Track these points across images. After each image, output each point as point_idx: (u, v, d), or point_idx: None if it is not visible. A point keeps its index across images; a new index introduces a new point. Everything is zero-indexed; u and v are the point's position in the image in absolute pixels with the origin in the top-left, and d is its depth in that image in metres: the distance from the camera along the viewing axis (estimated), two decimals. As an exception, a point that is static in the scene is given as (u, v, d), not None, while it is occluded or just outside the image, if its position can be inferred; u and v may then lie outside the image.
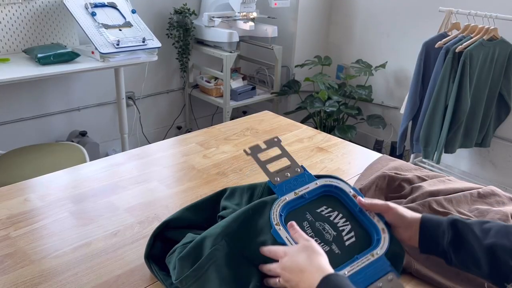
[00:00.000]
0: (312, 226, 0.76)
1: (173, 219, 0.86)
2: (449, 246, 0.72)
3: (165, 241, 0.85)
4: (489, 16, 2.27)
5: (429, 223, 0.76)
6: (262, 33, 2.99)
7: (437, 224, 0.75)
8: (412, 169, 1.22)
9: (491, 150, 2.66)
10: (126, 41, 2.28)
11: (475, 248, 0.70)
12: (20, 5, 2.34)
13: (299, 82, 3.18)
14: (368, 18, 3.10)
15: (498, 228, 0.71)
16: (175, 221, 0.86)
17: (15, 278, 0.81)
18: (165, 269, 0.81)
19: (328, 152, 1.36)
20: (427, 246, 0.75)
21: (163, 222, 0.86)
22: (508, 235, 0.69)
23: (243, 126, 1.53)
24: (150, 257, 0.84)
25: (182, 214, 0.88)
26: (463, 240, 0.72)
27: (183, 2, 2.99)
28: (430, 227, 0.75)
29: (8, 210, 1.01)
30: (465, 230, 0.72)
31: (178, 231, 0.85)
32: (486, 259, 0.69)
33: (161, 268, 0.82)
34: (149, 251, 0.84)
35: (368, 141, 3.28)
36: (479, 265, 0.70)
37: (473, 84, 2.27)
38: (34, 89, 2.59)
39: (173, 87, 3.24)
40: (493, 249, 0.69)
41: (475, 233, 0.71)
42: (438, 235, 0.74)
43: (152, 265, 0.83)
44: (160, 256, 0.84)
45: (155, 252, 0.84)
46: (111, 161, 1.27)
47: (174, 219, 0.86)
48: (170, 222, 0.86)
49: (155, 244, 0.85)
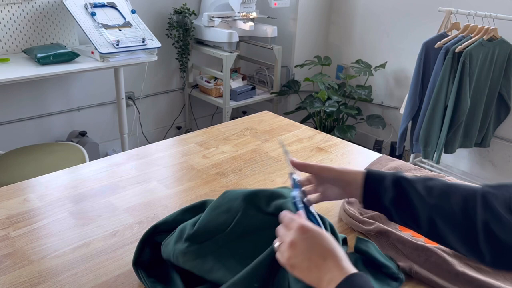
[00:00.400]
0: None
1: (161, 223, 0.85)
2: (391, 203, 0.72)
3: (154, 246, 0.84)
4: (488, 16, 2.27)
5: (373, 179, 0.75)
6: (262, 33, 2.99)
7: (381, 179, 0.74)
8: (412, 169, 1.22)
9: (490, 150, 2.66)
10: (125, 41, 2.28)
11: (417, 207, 0.70)
12: (20, 5, 2.34)
13: (299, 82, 3.18)
14: (368, 18, 3.10)
15: (441, 187, 0.70)
16: (163, 225, 0.85)
17: (14, 278, 0.81)
18: (153, 276, 0.80)
19: (327, 152, 1.36)
20: (370, 202, 0.75)
21: (152, 227, 0.84)
22: (450, 195, 0.68)
23: (242, 126, 1.53)
24: (138, 264, 0.82)
25: (171, 217, 0.87)
26: (405, 198, 0.71)
27: (183, 2, 2.99)
28: (374, 183, 0.75)
29: (7, 210, 1.01)
30: (408, 188, 0.71)
31: (167, 235, 0.84)
32: (426, 220, 0.69)
33: (149, 274, 0.81)
34: (137, 258, 0.82)
35: (368, 141, 3.28)
36: (419, 224, 0.70)
37: (473, 84, 2.27)
38: (34, 89, 2.59)
39: (173, 87, 3.24)
40: (433, 211, 0.68)
41: (417, 191, 0.70)
42: (380, 192, 0.73)
43: (140, 271, 0.81)
44: (149, 262, 0.83)
45: (143, 258, 0.83)
46: (110, 161, 1.26)
47: (163, 223, 0.85)
48: (159, 227, 0.85)
49: (143, 249, 0.83)
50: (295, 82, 3.19)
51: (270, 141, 1.42)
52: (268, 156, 1.32)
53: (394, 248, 0.90)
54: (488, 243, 0.63)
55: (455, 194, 0.68)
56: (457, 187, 0.69)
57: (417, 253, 0.87)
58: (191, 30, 2.97)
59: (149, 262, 0.83)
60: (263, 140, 1.42)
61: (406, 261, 0.86)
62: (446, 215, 0.67)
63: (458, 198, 0.67)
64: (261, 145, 1.38)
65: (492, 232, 0.62)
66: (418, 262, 0.86)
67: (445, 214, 0.67)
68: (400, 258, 0.87)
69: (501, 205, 0.63)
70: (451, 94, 2.26)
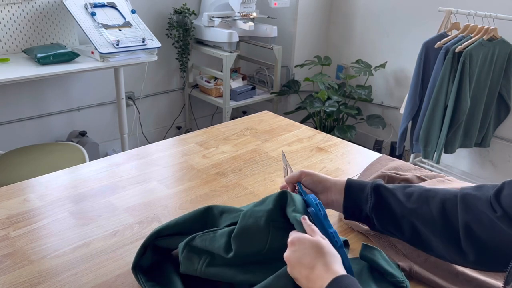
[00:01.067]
0: None
1: (164, 228, 0.84)
2: (372, 211, 0.72)
3: (154, 250, 0.83)
4: (488, 16, 2.27)
5: (353, 188, 0.75)
6: (262, 33, 2.99)
7: (361, 189, 0.74)
8: (412, 169, 1.22)
9: (490, 150, 2.66)
10: (125, 41, 2.28)
11: (397, 213, 0.70)
12: (20, 5, 2.34)
13: (299, 82, 3.18)
14: (368, 18, 3.10)
15: (419, 192, 0.70)
16: (166, 230, 0.84)
17: (14, 278, 0.81)
18: (153, 280, 0.80)
19: (327, 152, 1.36)
20: (351, 211, 0.75)
21: (154, 232, 0.83)
22: (428, 200, 0.68)
23: (242, 126, 1.53)
24: (137, 268, 0.82)
25: (173, 221, 0.86)
26: (385, 206, 0.71)
27: (183, 2, 2.99)
28: (354, 192, 0.75)
29: (7, 210, 1.01)
30: (387, 195, 0.71)
31: (169, 239, 0.83)
32: (407, 225, 0.69)
33: (148, 278, 0.80)
34: (137, 261, 0.82)
35: (367, 141, 3.29)
36: (401, 230, 0.70)
37: (473, 84, 2.27)
38: (34, 89, 2.60)
39: (173, 87, 3.24)
40: (413, 216, 0.68)
41: (397, 198, 0.70)
42: (361, 200, 0.73)
43: (139, 275, 0.81)
44: (149, 265, 0.83)
45: (143, 263, 0.83)
46: (110, 161, 1.26)
47: (165, 228, 0.84)
48: (161, 231, 0.84)
49: (144, 254, 0.83)
50: (295, 82, 3.19)
51: (270, 141, 1.42)
52: (268, 156, 1.32)
53: (394, 248, 0.90)
54: (471, 244, 0.63)
55: (433, 198, 0.68)
56: (436, 191, 0.70)
57: (417, 253, 0.87)
58: (191, 30, 2.98)
59: (148, 266, 0.83)
60: (263, 140, 1.42)
61: (406, 261, 0.86)
62: (426, 220, 0.67)
63: (437, 202, 0.67)
64: (261, 145, 1.38)
65: (473, 232, 0.62)
66: (418, 262, 0.86)
67: (425, 218, 0.67)
68: (400, 258, 0.87)
69: (483, 205, 0.63)
70: (451, 94, 2.26)
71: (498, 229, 0.60)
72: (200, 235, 0.79)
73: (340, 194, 0.77)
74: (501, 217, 0.60)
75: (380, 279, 0.82)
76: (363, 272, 0.83)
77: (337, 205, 0.78)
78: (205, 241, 0.77)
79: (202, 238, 0.78)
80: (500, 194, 0.62)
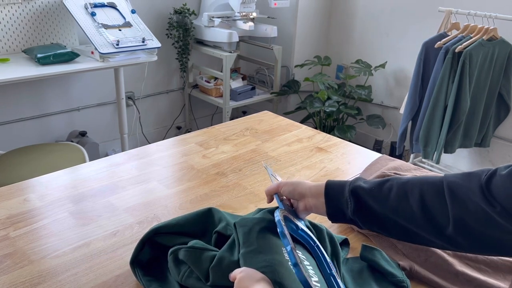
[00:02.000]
0: None
1: (163, 226, 0.85)
2: (354, 214, 0.71)
3: (153, 246, 0.84)
4: (488, 16, 2.27)
5: (333, 192, 0.74)
6: (262, 33, 2.99)
7: (340, 192, 0.73)
8: (412, 169, 1.22)
9: (490, 150, 2.66)
10: (125, 41, 2.28)
11: (379, 214, 0.69)
12: (20, 5, 2.34)
13: (299, 82, 3.18)
14: (368, 18, 3.10)
15: (397, 187, 0.69)
16: (165, 228, 0.85)
17: (14, 278, 0.81)
18: (150, 275, 0.80)
19: (327, 152, 1.36)
20: (335, 216, 0.74)
21: (153, 229, 0.84)
22: (407, 195, 0.67)
23: (242, 126, 1.53)
24: (136, 262, 0.82)
25: (174, 221, 0.86)
26: (366, 208, 0.70)
27: (183, 2, 3.00)
28: (334, 197, 0.74)
29: (7, 210, 1.01)
30: (365, 198, 0.70)
31: (168, 236, 0.84)
32: (390, 224, 0.68)
33: (145, 273, 0.81)
34: (135, 256, 0.83)
35: (367, 141, 3.29)
36: (386, 229, 0.69)
37: (473, 84, 2.27)
38: (34, 89, 2.60)
39: (173, 87, 3.24)
40: (395, 215, 0.67)
41: (376, 198, 0.69)
42: (342, 204, 0.72)
43: (137, 270, 0.81)
44: (147, 261, 0.83)
45: (141, 257, 0.83)
46: (110, 161, 1.27)
47: (164, 226, 0.85)
48: (160, 229, 0.84)
49: (143, 249, 0.83)
50: (295, 82, 3.19)
51: (270, 141, 1.42)
52: (268, 156, 1.32)
53: (394, 248, 0.90)
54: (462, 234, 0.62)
55: (411, 192, 0.67)
56: (413, 183, 0.68)
57: (417, 253, 0.87)
58: (191, 30, 2.98)
59: (146, 261, 0.83)
60: (263, 140, 1.42)
61: (406, 261, 0.86)
62: (407, 217, 0.66)
63: (416, 196, 0.66)
64: (261, 145, 1.38)
65: (467, 226, 0.61)
66: (418, 262, 0.86)
67: (406, 215, 0.66)
68: (400, 257, 0.87)
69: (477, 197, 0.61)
70: (451, 94, 2.26)
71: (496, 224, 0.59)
72: (185, 249, 0.77)
73: (316, 199, 0.76)
74: (500, 213, 0.59)
75: (381, 278, 0.82)
76: (363, 272, 0.84)
77: (316, 210, 0.77)
78: (189, 258, 0.76)
79: (187, 253, 0.76)
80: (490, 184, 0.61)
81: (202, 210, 0.88)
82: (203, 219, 0.87)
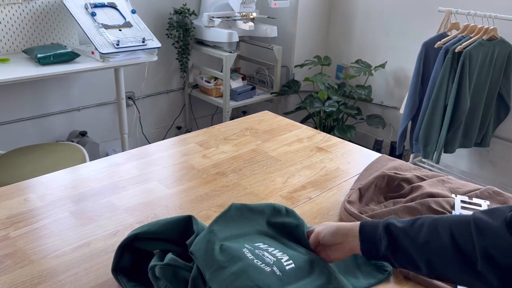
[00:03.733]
0: (252, 252, 0.76)
1: (143, 232, 0.83)
2: (387, 251, 0.73)
3: (133, 252, 0.83)
4: (488, 16, 2.27)
5: (367, 230, 0.77)
6: (262, 33, 2.99)
7: (375, 229, 0.76)
8: (412, 169, 1.23)
9: (490, 150, 2.66)
10: (126, 41, 2.28)
11: (411, 251, 0.70)
12: (20, 5, 2.34)
13: (299, 82, 3.18)
14: (368, 18, 3.10)
15: (429, 223, 0.71)
16: (144, 234, 0.83)
17: (15, 278, 0.81)
18: (134, 280, 0.80)
19: (327, 152, 1.36)
20: (370, 253, 0.76)
21: (132, 235, 0.83)
22: (438, 230, 0.68)
23: (242, 126, 1.53)
24: (118, 269, 0.82)
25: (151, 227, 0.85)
26: (397, 243, 0.72)
27: (183, 2, 3.00)
28: (369, 234, 0.76)
29: (8, 210, 1.01)
30: (397, 233, 0.72)
31: (148, 242, 0.83)
32: (421, 261, 0.69)
33: (129, 279, 0.80)
34: (116, 263, 0.82)
35: (367, 141, 3.29)
36: (417, 266, 0.71)
37: (473, 84, 2.27)
38: (34, 89, 2.60)
39: (173, 87, 3.24)
40: (426, 251, 0.69)
41: (407, 234, 0.71)
42: (376, 241, 0.74)
43: (120, 277, 0.81)
44: (128, 267, 0.82)
45: (123, 264, 0.82)
46: (111, 161, 1.27)
47: (144, 232, 0.83)
48: (139, 235, 0.83)
49: (123, 255, 0.83)
50: (295, 82, 3.19)
51: (270, 141, 1.42)
52: (268, 156, 1.32)
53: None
54: (491, 269, 0.63)
55: (443, 227, 0.69)
56: (444, 219, 0.70)
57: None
58: (191, 30, 2.98)
59: (129, 268, 0.83)
60: (263, 140, 1.42)
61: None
62: (438, 252, 0.68)
63: (446, 230, 0.68)
64: (261, 145, 1.39)
65: (492, 258, 0.62)
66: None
67: (437, 250, 0.68)
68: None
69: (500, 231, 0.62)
70: (451, 94, 2.26)
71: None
72: (160, 266, 0.76)
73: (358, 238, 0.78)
74: None
75: (364, 263, 0.87)
76: (347, 258, 0.85)
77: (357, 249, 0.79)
78: (164, 276, 0.75)
79: (161, 271, 0.76)
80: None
81: (182, 217, 0.86)
82: (184, 224, 0.85)
